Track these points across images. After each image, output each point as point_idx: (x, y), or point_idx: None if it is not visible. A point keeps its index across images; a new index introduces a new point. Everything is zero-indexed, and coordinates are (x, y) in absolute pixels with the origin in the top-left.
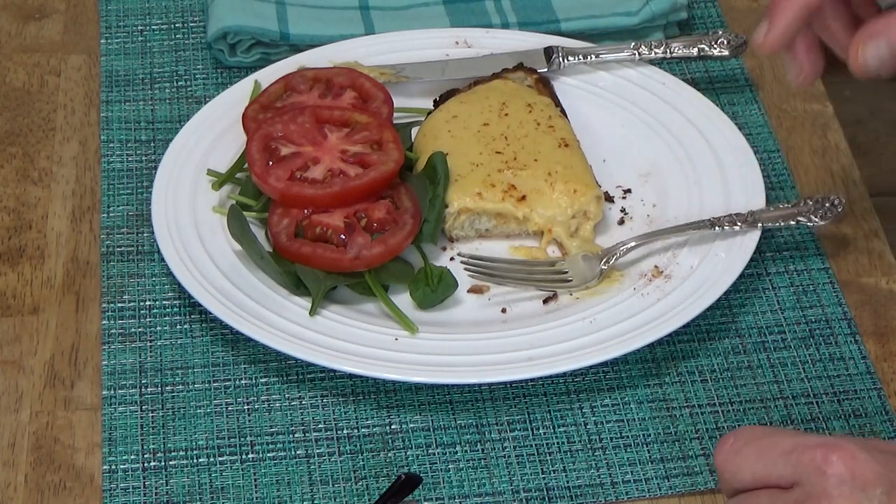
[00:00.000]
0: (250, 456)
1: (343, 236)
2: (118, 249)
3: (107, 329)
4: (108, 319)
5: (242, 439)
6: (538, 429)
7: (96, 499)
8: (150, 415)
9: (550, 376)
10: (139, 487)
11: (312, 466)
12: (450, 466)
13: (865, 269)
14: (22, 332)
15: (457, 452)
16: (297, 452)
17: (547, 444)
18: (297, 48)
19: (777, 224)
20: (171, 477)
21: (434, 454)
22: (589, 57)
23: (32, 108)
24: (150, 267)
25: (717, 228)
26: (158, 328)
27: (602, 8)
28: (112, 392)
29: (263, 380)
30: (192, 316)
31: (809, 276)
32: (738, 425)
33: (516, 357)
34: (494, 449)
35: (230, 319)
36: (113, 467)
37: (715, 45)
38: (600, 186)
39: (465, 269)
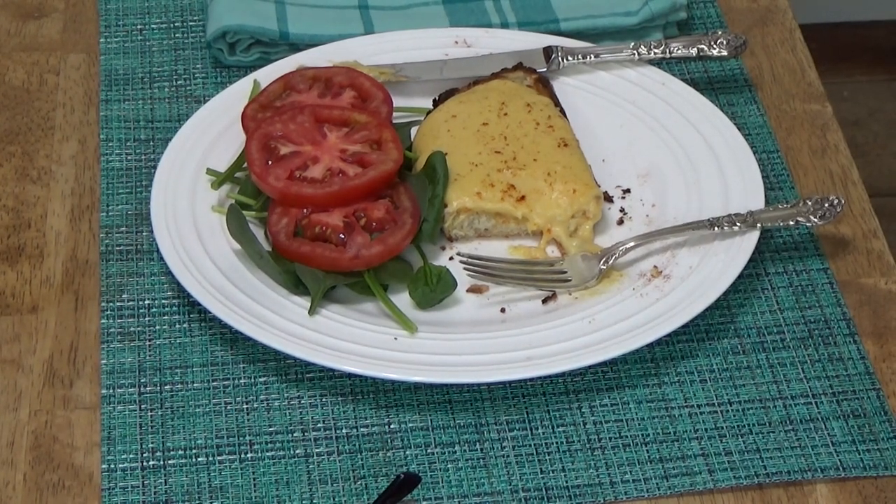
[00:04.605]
0: (249, 455)
1: (342, 236)
2: (117, 248)
3: (106, 328)
4: (107, 318)
5: (241, 438)
6: (537, 428)
7: (95, 498)
8: (149, 414)
9: (549, 376)
10: (138, 486)
11: (311, 466)
12: (449, 466)
13: (864, 270)
14: (21, 330)
15: (455, 452)
16: (296, 452)
17: (546, 443)
18: (296, 47)
19: (776, 224)
20: (169, 476)
21: (433, 454)
22: (588, 57)
23: (32, 106)
24: (149, 266)
25: (716, 229)
26: (157, 327)
27: (602, 8)
28: (111, 391)
29: (262, 379)
30: (191, 315)
31: (808, 276)
32: (738, 426)
33: (515, 357)
34: (493, 448)
35: (229, 319)
36: (112, 466)
37: (714, 46)
38: (599, 186)
39: (465, 268)
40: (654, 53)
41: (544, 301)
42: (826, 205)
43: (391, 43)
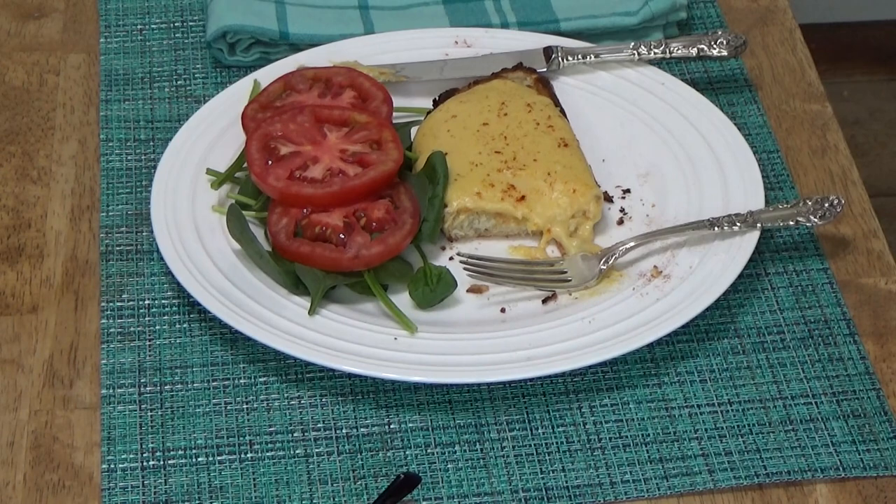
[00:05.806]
0: (249, 455)
1: (342, 236)
2: (117, 248)
3: (106, 328)
4: (107, 318)
5: (241, 438)
6: (537, 429)
7: (95, 498)
8: (149, 414)
9: (549, 376)
10: (138, 486)
11: (311, 466)
12: (448, 466)
13: (864, 270)
14: (21, 330)
15: (455, 452)
16: (296, 452)
17: (546, 443)
18: (296, 47)
19: (776, 224)
20: (169, 476)
21: (433, 454)
22: (588, 57)
23: (32, 106)
24: (149, 266)
25: (716, 228)
26: (157, 327)
27: (602, 8)
28: (111, 391)
29: (262, 379)
30: (191, 315)
31: (808, 276)
32: (738, 426)
33: (515, 357)
34: (493, 449)
35: (229, 319)
36: (112, 466)
37: (714, 46)
38: (599, 186)
39: (465, 268)
40: (654, 53)
41: (544, 301)
42: (826, 205)
43: (391, 43)
